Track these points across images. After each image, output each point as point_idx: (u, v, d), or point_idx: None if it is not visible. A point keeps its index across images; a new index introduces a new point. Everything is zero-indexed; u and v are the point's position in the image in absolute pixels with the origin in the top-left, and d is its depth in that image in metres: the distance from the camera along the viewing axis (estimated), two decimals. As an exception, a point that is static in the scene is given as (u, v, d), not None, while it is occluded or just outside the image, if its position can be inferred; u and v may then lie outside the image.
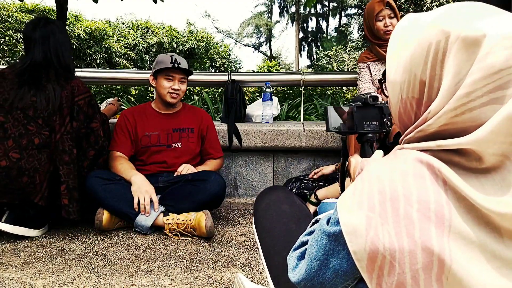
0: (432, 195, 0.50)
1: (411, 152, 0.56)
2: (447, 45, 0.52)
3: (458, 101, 0.50)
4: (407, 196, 0.50)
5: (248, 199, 2.56)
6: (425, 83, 0.55)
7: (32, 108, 1.80)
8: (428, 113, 0.55)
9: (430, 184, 0.51)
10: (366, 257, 0.52)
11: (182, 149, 2.21)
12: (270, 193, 1.08)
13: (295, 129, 2.51)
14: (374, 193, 0.53)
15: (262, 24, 26.34)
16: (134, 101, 4.91)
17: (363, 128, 0.96)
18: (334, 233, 0.57)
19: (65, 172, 1.82)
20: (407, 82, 0.57)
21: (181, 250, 1.72)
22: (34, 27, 1.91)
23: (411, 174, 0.52)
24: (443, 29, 0.52)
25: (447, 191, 0.50)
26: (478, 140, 0.50)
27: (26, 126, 1.78)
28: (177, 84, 2.17)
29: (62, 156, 1.82)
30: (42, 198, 1.82)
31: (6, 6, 8.34)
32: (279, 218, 0.97)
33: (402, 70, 0.58)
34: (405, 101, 0.59)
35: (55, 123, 1.83)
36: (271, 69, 10.60)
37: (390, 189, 0.52)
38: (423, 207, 0.49)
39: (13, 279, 1.42)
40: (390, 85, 0.62)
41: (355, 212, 0.54)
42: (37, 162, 1.79)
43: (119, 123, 2.22)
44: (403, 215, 0.50)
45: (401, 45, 0.59)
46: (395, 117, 0.65)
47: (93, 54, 9.24)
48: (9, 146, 1.75)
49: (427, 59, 0.54)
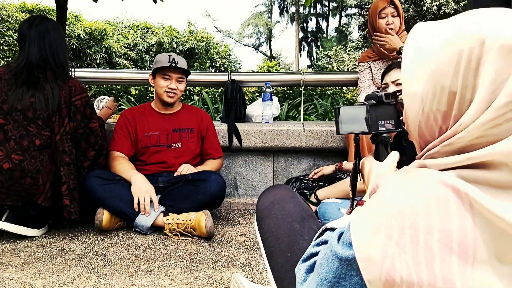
0: (455, 222, 0.46)
1: (434, 174, 0.51)
2: (482, 52, 0.48)
3: (497, 112, 0.47)
4: (428, 224, 0.47)
5: (248, 199, 2.56)
6: (456, 94, 0.50)
7: (31, 110, 1.79)
8: (459, 126, 0.50)
9: (454, 211, 0.47)
10: (382, 287, 0.48)
11: (182, 149, 2.21)
12: (274, 191, 1.04)
13: (295, 129, 2.51)
14: (392, 218, 0.49)
15: (262, 24, 26.34)
16: (134, 101, 4.91)
17: (378, 128, 0.90)
18: (347, 258, 0.53)
19: (65, 173, 1.82)
20: (431, 94, 0.53)
21: (181, 250, 1.72)
22: (29, 25, 1.89)
23: (434, 199, 0.48)
24: (476, 35, 0.48)
25: (474, 216, 0.46)
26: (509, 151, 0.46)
27: (26, 128, 1.78)
28: (174, 84, 2.16)
29: (62, 157, 1.82)
30: (45, 199, 1.82)
31: (6, 6, 8.33)
32: (284, 218, 0.93)
33: (424, 81, 0.53)
34: (428, 114, 0.54)
35: (55, 124, 1.83)
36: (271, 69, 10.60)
37: (410, 215, 0.48)
38: (445, 236, 0.46)
39: (13, 279, 1.42)
40: (408, 97, 0.58)
41: (370, 237, 0.50)
42: (39, 163, 1.79)
43: (119, 123, 2.22)
44: (423, 245, 0.46)
45: (422, 54, 0.54)
46: (412, 131, 0.59)
47: (93, 54, 9.24)
48: (11, 148, 1.74)
49: (458, 68, 0.49)
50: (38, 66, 1.85)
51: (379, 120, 0.90)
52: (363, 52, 2.74)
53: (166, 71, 2.15)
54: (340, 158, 2.44)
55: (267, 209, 0.98)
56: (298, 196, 1.02)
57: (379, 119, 0.90)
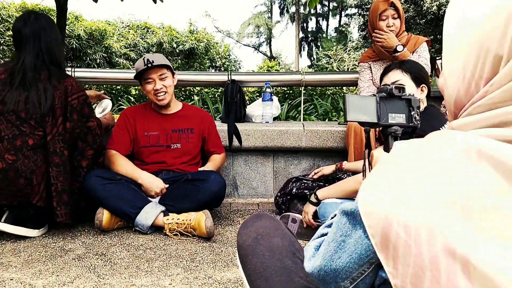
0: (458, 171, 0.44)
1: (445, 132, 0.50)
2: None
3: None
4: (429, 172, 0.46)
5: (248, 199, 2.56)
6: (502, 58, 0.47)
7: (24, 110, 1.77)
8: (490, 86, 0.48)
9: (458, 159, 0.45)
10: (380, 232, 0.47)
11: (182, 149, 2.21)
12: (256, 224, 0.91)
13: (295, 129, 2.51)
14: (398, 171, 0.49)
15: (262, 24, 26.35)
16: (134, 101, 4.91)
17: (388, 121, 0.89)
18: (351, 210, 0.54)
19: (54, 174, 1.80)
20: (475, 60, 0.49)
21: (181, 250, 1.72)
22: (24, 23, 1.86)
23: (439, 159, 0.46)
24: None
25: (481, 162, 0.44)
26: None
27: (19, 127, 1.77)
28: (159, 83, 2.12)
29: (52, 157, 1.80)
30: (40, 199, 1.81)
31: (6, 6, 8.33)
32: (272, 255, 0.81)
33: (468, 47, 0.50)
34: (469, 82, 0.51)
35: (47, 124, 1.80)
36: (271, 69, 10.60)
37: (407, 165, 0.48)
38: (453, 191, 0.43)
39: (13, 279, 1.42)
40: (448, 64, 0.55)
41: (374, 189, 0.50)
42: (33, 163, 1.78)
43: (119, 121, 2.22)
44: (427, 194, 0.44)
45: (468, 21, 0.51)
46: (450, 99, 0.56)
47: (93, 54, 9.24)
48: (4, 148, 1.73)
49: (506, 31, 0.46)
50: (34, 66, 1.83)
51: (389, 113, 0.89)
52: (363, 52, 2.74)
53: (146, 74, 2.11)
54: (340, 158, 2.44)
55: (251, 246, 0.86)
56: (283, 226, 0.93)
57: (390, 112, 0.89)
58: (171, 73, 2.18)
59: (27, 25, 1.86)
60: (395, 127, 0.90)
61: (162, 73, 2.12)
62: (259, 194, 2.61)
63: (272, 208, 2.42)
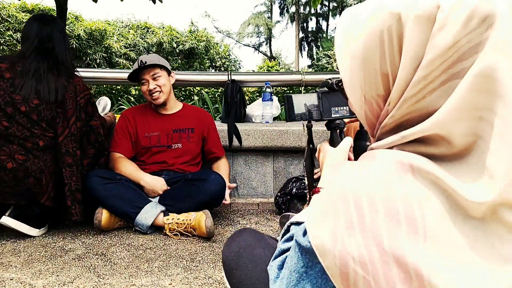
0: (399, 195, 0.44)
1: (376, 151, 0.51)
2: (401, 28, 0.46)
3: (417, 86, 0.46)
4: (371, 200, 0.45)
5: (248, 199, 2.56)
6: (388, 75, 0.49)
7: (35, 112, 1.79)
8: (388, 105, 0.50)
9: (396, 182, 0.45)
10: (339, 273, 0.47)
11: (182, 149, 2.22)
12: (238, 239, 0.92)
13: (295, 129, 2.51)
14: (337, 201, 0.48)
15: (262, 24, 26.35)
16: (134, 101, 4.92)
17: (331, 115, 0.91)
18: (306, 247, 0.52)
19: (68, 174, 1.83)
20: (368, 80, 0.51)
21: (181, 250, 1.72)
22: (39, 20, 1.91)
23: (375, 174, 0.47)
24: (391, 11, 0.46)
25: (417, 181, 0.45)
26: (441, 121, 0.45)
27: (30, 130, 1.78)
28: (152, 84, 2.13)
29: (65, 158, 1.82)
30: (48, 198, 1.83)
31: (6, 6, 8.34)
32: (254, 265, 0.82)
33: (358, 68, 0.52)
34: (370, 102, 0.53)
35: (58, 125, 1.83)
36: (271, 69, 10.60)
37: (352, 195, 0.47)
38: (391, 212, 0.44)
39: (13, 279, 1.42)
40: (348, 87, 0.56)
41: (320, 223, 0.49)
42: (43, 163, 1.79)
43: (119, 123, 2.22)
44: (369, 224, 0.44)
45: (349, 42, 0.52)
46: (362, 120, 0.58)
47: (93, 54, 9.24)
48: (14, 149, 1.75)
49: (383, 49, 0.48)
50: (49, 57, 1.85)
51: (332, 107, 0.91)
52: None
53: (139, 76, 2.14)
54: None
55: (234, 260, 0.87)
56: (265, 237, 0.93)
57: (332, 106, 0.91)
58: (166, 72, 2.19)
59: (42, 22, 1.89)
60: (338, 121, 0.92)
61: (154, 73, 2.13)
62: (259, 194, 2.61)
63: (272, 208, 2.42)
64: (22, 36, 1.94)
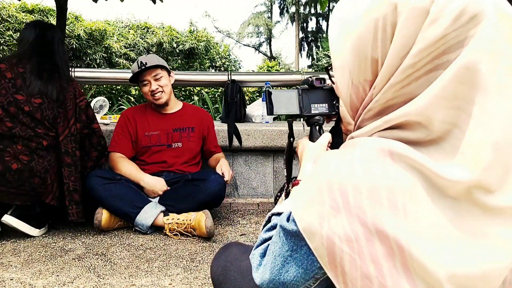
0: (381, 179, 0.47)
1: (356, 139, 0.54)
2: (395, 17, 0.49)
3: (404, 73, 0.49)
4: (356, 183, 0.48)
5: (248, 199, 2.56)
6: (378, 61, 0.52)
7: (39, 111, 1.79)
8: (373, 89, 0.53)
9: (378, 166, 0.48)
10: (326, 253, 0.49)
11: (183, 148, 2.22)
12: (224, 254, 0.93)
13: (295, 129, 2.47)
14: (322, 185, 0.51)
15: (262, 24, 26.35)
16: (134, 101, 4.92)
17: (311, 111, 0.92)
18: (293, 230, 0.54)
19: (66, 174, 1.83)
20: (357, 65, 0.54)
21: (181, 250, 1.72)
22: (36, 25, 1.93)
23: (357, 159, 0.50)
24: (389, 1, 0.49)
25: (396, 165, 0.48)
26: (423, 106, 0.48)
27: (34, 129, 1.79)
28: (154, 84, 2.13)
29: (64, 157, 1.83)
30: (54, 198, 1.84)
31: (6, 6, 8.33)
32: (242, 277, 0.83)
33: (349, 53, 0.54)
34: (357, 86, 0.55)
35: (59, 125, 1.84)
36: (271, 69, 10.60)
37: (337, 178, 0.50)
38: (373, 193, 0.47)
39: (13, 279, 1.42)
40: (337, 71, 0.59)
41: (307, 207, 0.52)
42: (47, 163, 1.80)
43: (120, 123, 2.22)
44: (353, 204, 0.47)
45: (345, 26, 0.55)
46: (346, 105, 0.60)
47: (93, 54, 9.24)
48: (18, 150, 1.75)
49: (376, 36, 0.51)
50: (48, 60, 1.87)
51: (312, 104, 0.92)
52: None
53: (142, 77, 2.13)
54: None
55: (222, 275, 0.88)
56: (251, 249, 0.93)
57: (312, 103, 0.92)
58: (166, 72, 2.19)
59: (39, 28, 1.92)
60: (317, 117, 0.93)
61: (156, 74, 2.13)
62: (259, 194, 2.61)
63: (272, 208, 2.42)
64: (20, 39, 1.94)
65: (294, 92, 0.92)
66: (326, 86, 0.92)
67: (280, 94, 0.92)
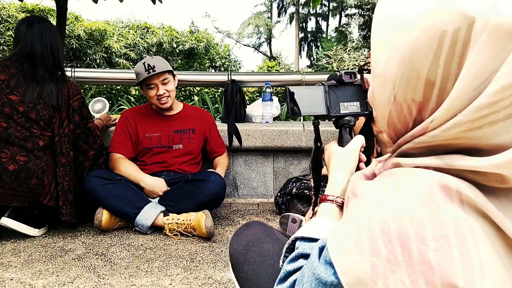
0: (451, 226, 0.38)
1: (413, 172, 0.44)
2: (470, 35, 0.38)
3: (477, 113, 0.38)
4: (419, 232, 0.38)
5: (248, 199, 2.56)
6: (434, 84, 0.41)
7: (34, 111, 1.79)
8: (430, 122, 0.43)
9: (446, 212, 0.39)
10: None
11: (183, 150, 2.22)
12: (246, 232, 0.88)
13: (295, 129, 2.51)
14: (375, 231, 0.41)
15: (262, 24, 26.36)
16: (134, 101, 4.92)
17: (340, 111, 0.80)
18: (332, 283, 0.45)
19: (61, 174, 1.83)
20: (406, 81, 0.44)
21: (181, 250, 1.72)
22: (30, 22, 1.88)
23: (420, 201, 0.40)
24: (465, 13, 0.38)
25: (469, 218, 0.38)
26: (504, 164, 0.38)
27: (29, 129, 1.78)
28: (161, 89, 2.11)
29: (59, 158, 1.83)
30: (51, 198, 1.83)
31: (6, 6, 8.34)
32: (263, 261, 0.78)
33: (397, 63, 0.44)
34: (400, 104, 0.46)
35: (55, 125, 1.84)
36: (271, 69, 10.60)
37: (395, 225, 0.40)
38: (442, 244, 0.37)
39: (13, 279, 1.42)
40: (377, 79, 0.49)
41: (353, 256, 0.42)
42: (44, 163, 1.80)
43: (120, 123, 2.22)
44: (417, 258, 0.38)
45: (395, 29, 0.44)
46: (381, 119, 0.51)
47: (93, 54, 9.24)
48: (15, 151, 1.75)
49: (439, 54, 0.40)
50: (38, 63, 1.84)
51: (341, 102, 0.80)
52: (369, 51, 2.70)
53: (149, 81, 2.11)
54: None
55: (242, 254, 0.83)
56: (274, 230, 0.88)
57: (341, 101, 0.80)
58: (172, 76, 2.19)
59: (34, 25, 1.87)
60: (348, 118, 0.81)
61: (164, 78, 2.12)
62: (259, 194, 2.61)
63: (272, 208, 2.42)
64: (16, 34, 1.90)
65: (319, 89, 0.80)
66: (357, 81, 0.81)
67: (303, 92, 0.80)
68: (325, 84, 0.80)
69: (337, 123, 0.83)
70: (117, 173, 2.05)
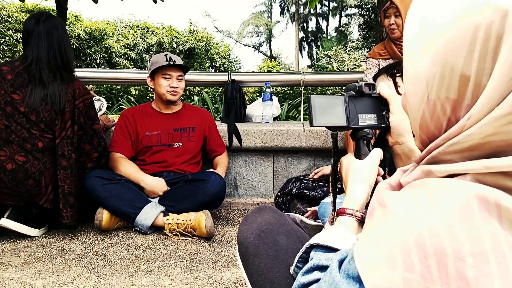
0: (488, 242, 0.36)
1: (448, 182, 0.42)
2: (504, 27, 0.37)
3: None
4: (457, 247, 0.36)
5: (248, 199, 2.56)
6: (469, 79, 0.40)
7: (34, 113, 1.78)
8: (467, 120, 0.41)
9: (483, 227, 0.37)
10: None
11: (183, 148, 2.22)
12: (259, 218, 0.82)
13: (295, 129, 2.51)
14: (409, 244, 0.39)
15: (262, 24, 26.37)
16: (134, 101, 4.92)
17: (358, 123, 0.78)
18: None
19: (62, 177, 1.82)
20: (439, 78, 0.43)
21: (181, 250, 1.72)
22: (36, 21, 1.85)
23: (456, 214, 0.38)
24: (498, 6, 0.38)
25: (506, 232, 0.36)
26: None
27: (29, 130, 1.78)
28: (175, 82, 2.17)
29: (60, 160, 1.81)
30: (47, 200, 1.82)
31: (6, 6, 8.34)
32: (276, 255, 0.74)
33: (430, 60, 0.43)
34: (434, 103, 0.45)
35: (56, 127, 1.82)
36: (271, 69, 10.61)
37: (431, 239, 0.38)
38: (480, 260, 0.36)
39: (13, 279, 1.42)
40: (409, 78, 0.48)
41: (384, 271, 0.40)
42: (42, 165, 1.79)
43: (119, 123, 2.22)
44: (454, 274, 0.36)
45: (428, 27, 0.44)
46: (413, 121, 0.50)
47: (93, 54, 9.24)
48: (14, 150, 1.74)
49: (473, 47, 0.39)
50: (46, 65, 1.83)
51: (359, 114, 0.79)
52: (374, 47, 2.66)
53: (166, 70, 2.15)
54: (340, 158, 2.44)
55: (253, 244, 0.78)
56: (288, 221, 0.83)
57: (360, 113, 0.79)
58: (184, 77, 2.25)
59: (40, 23, 1.85)
60: (366, 130, 0.79)
61: (180, 74, 2.20)
62: (259, 194, 2.61)
63: (272, 208, 2.42)
64: (23, 35, 1.88)
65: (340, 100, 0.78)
66: (375, 93, 0.79)
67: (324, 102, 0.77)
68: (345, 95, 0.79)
69: (355, 135, 0.81)
70: (117, 173, 2.05)
